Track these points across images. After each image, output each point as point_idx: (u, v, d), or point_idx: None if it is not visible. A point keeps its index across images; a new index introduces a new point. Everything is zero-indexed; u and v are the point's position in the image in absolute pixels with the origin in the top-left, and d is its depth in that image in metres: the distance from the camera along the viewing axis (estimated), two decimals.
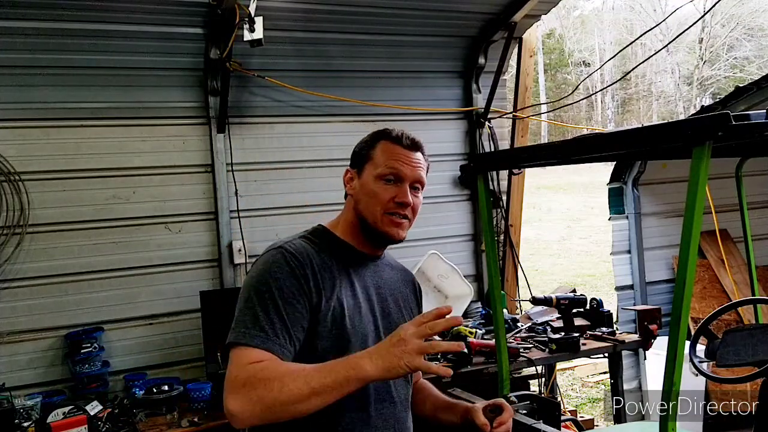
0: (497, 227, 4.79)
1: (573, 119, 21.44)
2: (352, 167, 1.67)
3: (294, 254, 1.50)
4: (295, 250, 1.52)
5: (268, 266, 1.49)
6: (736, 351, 2.56)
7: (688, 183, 1.61)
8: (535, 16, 4.49)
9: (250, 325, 1.41)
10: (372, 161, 1.62)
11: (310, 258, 1.52)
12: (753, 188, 4.30)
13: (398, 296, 1.73)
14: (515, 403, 2.46)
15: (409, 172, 1.61)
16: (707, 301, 4.93)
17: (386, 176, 1.59)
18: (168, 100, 3.88)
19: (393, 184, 1.60)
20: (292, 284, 1.46)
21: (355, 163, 1.67)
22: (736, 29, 24.02)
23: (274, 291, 1.44)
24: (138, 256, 3.79)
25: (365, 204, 1.60)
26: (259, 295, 1.44)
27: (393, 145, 1.62)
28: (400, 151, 1.62)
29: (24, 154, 3.54)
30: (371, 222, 1.60)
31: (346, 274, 1.59)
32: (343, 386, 1.31)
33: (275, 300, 1.43)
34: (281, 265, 1.48)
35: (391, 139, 1.64)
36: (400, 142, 1.63)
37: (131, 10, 3.55)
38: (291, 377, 1.31)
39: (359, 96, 4.26)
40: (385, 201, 1.58)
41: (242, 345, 1.39)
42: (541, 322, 4.07)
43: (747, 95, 4.19)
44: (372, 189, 1.59)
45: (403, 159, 1.61)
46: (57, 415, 2.94)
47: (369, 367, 1.30)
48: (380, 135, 1.66)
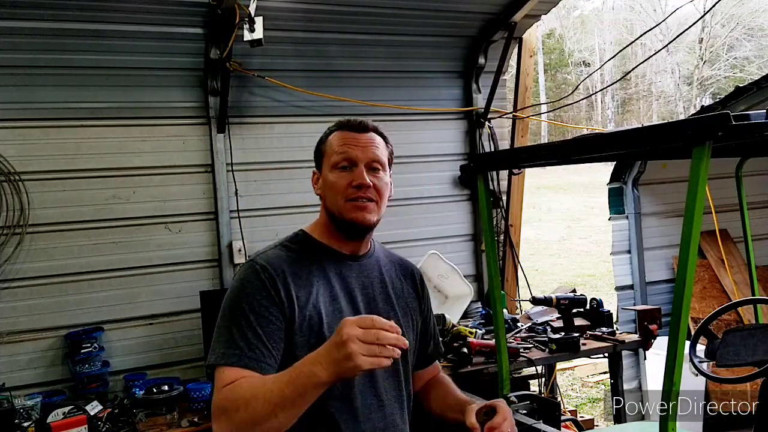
0: (497, 227, 4.78)
1: (573, 119, 21.44)
2: (316, 167, 1.66)
3: (265, 266, 1.49)
4: (267, 262, 1.50)
5: (239, 283, 1.49)
6: (736, 351, 2.56)
7: (688, 183, 1.61)
8: (535, 16, 4.48)
9: (224, 345, 1.41)
10: (326, 154, 1.60)
11: (282, 268, 1.49)
12: (753, 188, 4.30)
13: (391, 293, 1.67)
14: (515, 403, 2.46)
15: (360, 154, 1.56)
16: (707, 301, 4.93)
17: (340, 164, 1.56)
18: (168, 100, 3.88)
19: (348, 170, 1.55)
20: (263, 297, 1.45)
21: (316, 162, 1.66)
22: (736, 29, 24.02)
23: (245, 307, 1.44)
24: (138, 256, 3.79)
25: (329, 198, 1.57)
26: (232, 313, 1.45)
27: (342, 132, 1.60)
28: (349, 135, 1.59)
29: (24, 154, 3.54)
30: (337, 214, 1.56)
31: (325, 278, 1.55)
32: (304, 396, 1.28)
33: (247, 316, 1.42)
34: (251, 280, 1.47)
35: (341, 126, 1.62)
36: (349, 127, 1.61)
37: (131, 10, 3.55)
38: (254, 396, 1.30)
39: (359, 96, 4.26)
40: (343, 188, 1.54)
41: (220, 365, 1.39)
42: (541, 322, 4.07)
43: (747, 95, 4.19)
44: (330, 180, 1.56)
45: (352, 142, 1.58)
46: (57, 415, 2.94)
47: (322, 373, 1.25)
48: (332, 127, 1.65)
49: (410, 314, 1.70)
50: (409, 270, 1.78)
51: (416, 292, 1.76)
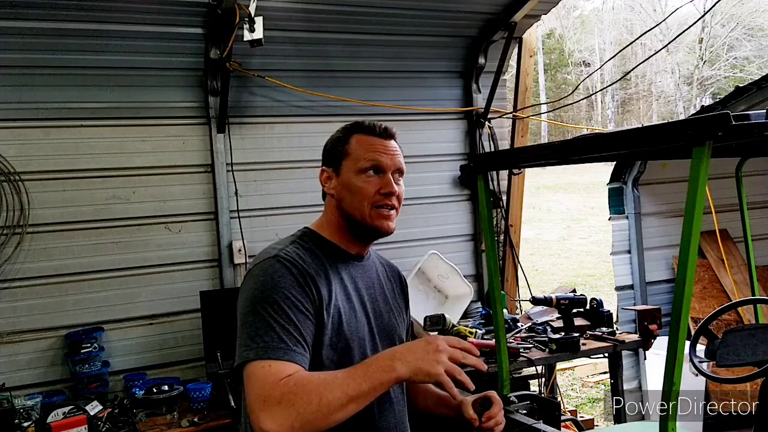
0: (497, 227, 4.78)
1: (573, 119, 21.45)
2: (328, 166, 1.63)
3: (293, 262, 1.47)
4: (292, 257, 1.48)
5: (269, 276, 1.45)
6: (736, 351, 2.56)
7: (688, 183, 1.61)
8: (535, 16, 4.48)
9: (268, 339, 1.37)
10: (350, 156, 1.58)
11: (306, 265, 1.49)
12: (753, 188, 4.31)
13: (387, 293, 1.72)
14: (515, 403, 2.46)
15: (389, 162, 1.57)
16: (707, 301, 4.93)
17: (368, 169, 1.56)
18: (168, 100, 3.88)
19: (375, 175, 1.56)
20: (297, 293, 1.43)
21: (329, 161, 1.62)
22: (736, 29, 24.01)
23: (283, 301, 1.41)
24: (138, 256, 3.79)
25: (350, 201, 1.56)
26: (269, 306, 1.41)
27: (368, 137, 1.59)
28: (377, 141, 1.58)
29: (24, 154, 3.54)
30: (359, 218, 1.56)
31: (339, 277, 1.56)
32: (377, 389, 1.32)
33: (286, 310, 1.40)
34: (283, 274, 1.44)
35: (365, 130, 1.60)
36: (375, 132, 1.60)
37: (131, 10, 3.55)
38: (328, 388, 1.30)
39: (359, 96, 4.26)
40: (371, 194, 1.55)
41: (265, 359, 1.35)
42: (541, 322, 4.07)
43: (747, 95, 4.19)
44: (355, 184, 1.55)
45: (380, 149, 1.57)
46: (57, 415, 2.94)
47: (402, 368, 1.31)
48: (352, 128, 1.62)
49: (401, 314, 1.76)
50: (396, 272, 1.83)
51: (403, 294, 1.81)
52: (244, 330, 1.42)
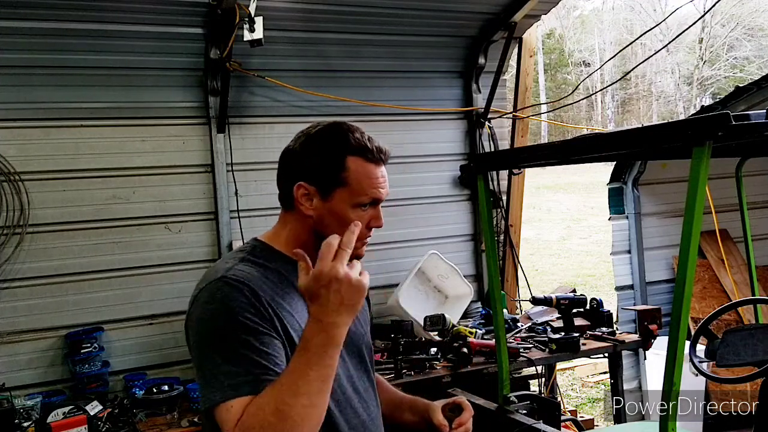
0: (497, 227, 4.78)
1: (573, 119, 21.45)
2: (310, 182, 1.43)
3: (244, 282, 1.31)
4: (243, 278, 1.33)
5: (219, 303, 1.29)
6: (736, 351, 2.56)
7: (688, 183, 1.61)
8: (535, 16, 4.48)
9: (229, 377, 1.24)
10: (349, 187, 1.40)
11: (259, 285, 1.34)
12: (753, 188, 4.30)
13: None
14: (515, 403, 2.47)
15: (385, 194, 1.45)
16: (707, 301, 4.92)
17: (365, 204, 1.42)
18: (168, 100, 3.88)
19: (370, 208, 1.43)
20: (253, 315, 1.28)
21: (311, 177, 1.43)
22: (736, 29, 24.02)
23: (241, 329, 1.26)
24: (138, 256, 3.79)
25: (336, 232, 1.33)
26: (227, 337, 1.26)
27: (367, 165, 1.41)
28: (377, 172, 1.42)
29: (24, 154, 3.54)
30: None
31: (298, 295, 1.38)
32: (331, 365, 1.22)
33: (245, 338, 1.26)
34: (234, 297, 1.29)
35: (362, 152, 1.40)
36: (373, 158, 1.42)
37: (131, 10, 3.55)
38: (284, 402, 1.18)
39: (359, 96, 4.26)
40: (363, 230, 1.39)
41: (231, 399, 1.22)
42: (541, 322, 4.07)
43: (747, 95, 4.19)
44: (349, 218, 1.38)
45: (381, 182, 1.43)
46: (57, 415, 2.94)
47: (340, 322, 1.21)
48: (345, 146, 1.41)
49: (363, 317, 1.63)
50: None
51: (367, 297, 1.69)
52: (203, 368, 1.28)
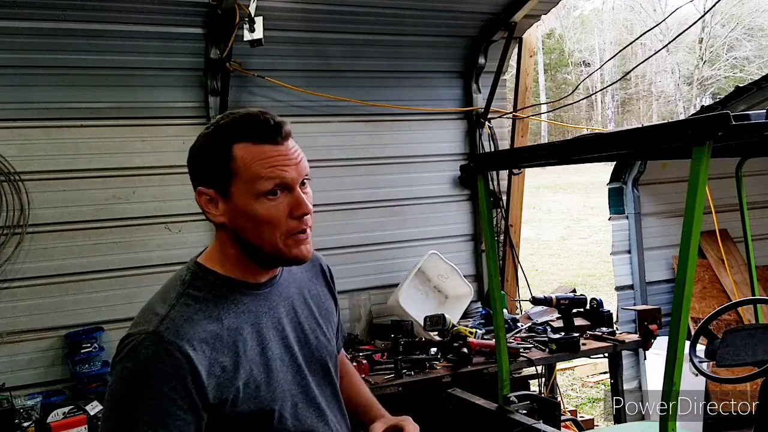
0: (497, 227, 4.78)
1: (573, 119, 21.45)
2: (206, 185, 1.28)
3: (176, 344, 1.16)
4: (178, 334, 1.17)
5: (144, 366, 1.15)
6: (736, 351, 2.56)
7: (688, 183, 1.61)
8: (535, 16, 4.48)
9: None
10: (240, 177, 1.22)
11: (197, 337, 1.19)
12: (753, 188, 4.30)
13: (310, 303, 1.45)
14: (515, 403, 2.46)
15: (295, 174, 1.24)
16: (707, 301, 4.92)
17: (270, 191, 1.22)
18: (168, 100, 3.88)
19: (281, 194, 1.23)
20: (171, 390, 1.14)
21: (206, 179, 1.27)
22: (736, 29, 24.03)
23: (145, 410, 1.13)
24: (138, 256, 3.79)
25: (254, 233, 1.25)
26: (131, 412, 1.13)
27: (257, 147, 1.22)
28: (273, 151, 1.23)
29: (24, 154, 3.54)
30: (271, 252, 1.26)
31: (248, 322, 1.28)
32: None
33: (149, 421, 1.12)
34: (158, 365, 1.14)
35: (250, 135, 1.22)
36: (265, 137, 1.22)
37: (131, 10, 3.55)
38: None
39: (359, 96, 4.26)
40: (282, 223, 1.24)
41: None
42: (541, 322, 4.07)
43: (747, 95, 4.19)
44: (258, 213, 1.22)
45: (280, 161, 1.22)
46: (57, 415, 2.95)
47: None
48: (230, 132, 1.23)
49: (329, 318, 1.50)
50: (317, 266, 1.54)
51: (329, 290, 1.55)
52: (101, 424, 1.17)
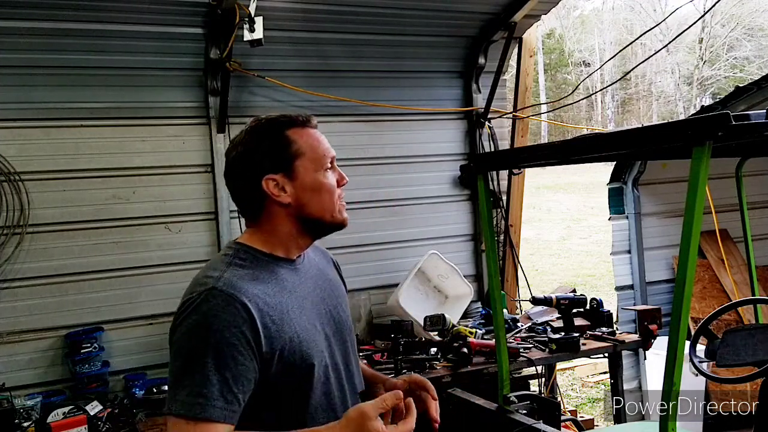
0: (497, 227, 4.78)
1: (573, 119, 21.46)
2: (272, 172, 1.45)
3: (234, 296, 1.31)
4: (233, 287, 1.33)
5: (204, 315, 1.30)
6: (736, 351, 2.56)
7: (688, 183, 1.61)
8: (535, 16, 4.48)
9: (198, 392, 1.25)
10: (305, 156, 1.46)
11: (250, 292, 1.34)
12: (753, 188, 4.30)
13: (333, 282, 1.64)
14: (515, 403, 2.46)
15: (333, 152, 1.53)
16: (707, 301, 4.93)
17: (327, 164, 1.49)
18: (168, 100, 3.88)
19: (331, 169, 1.51)
20: (237, 331, 1.28)
21: (273, 166, 1.45)
22: (736, 29, 24.02)
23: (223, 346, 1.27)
24: (138, 256, 3.79)
25: (317, 202, 1.47)
26: (206, 352, 1.27)
27: (307, 130, 1.50)
28: (318, 134, 1.51)
29: (24, 154, 3.54)
30: (329, 218, 1.49)
31: (288, 292, 1.43)
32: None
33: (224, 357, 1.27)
34: (222, 309, 1.29)
35: (298, 123, 1.49)
36: (310, 124, 1.51)
37: (131, 10, 3.55)
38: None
39: (359, 96, 4.26)
40: (335, 190, 1.49)
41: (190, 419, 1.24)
42: (541, 322, 4.07)
43: (747, 95, 4.19)
44: (323, 183, 1.47)
45: (325, 142, 1.51)
46: (57, 415, 2.95)
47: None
48: (280, 125, 1.48)
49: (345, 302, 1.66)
50: (328, 255, 1.75)
51: (340, 276, 1.74)
52: (176, 375, 1.29)
